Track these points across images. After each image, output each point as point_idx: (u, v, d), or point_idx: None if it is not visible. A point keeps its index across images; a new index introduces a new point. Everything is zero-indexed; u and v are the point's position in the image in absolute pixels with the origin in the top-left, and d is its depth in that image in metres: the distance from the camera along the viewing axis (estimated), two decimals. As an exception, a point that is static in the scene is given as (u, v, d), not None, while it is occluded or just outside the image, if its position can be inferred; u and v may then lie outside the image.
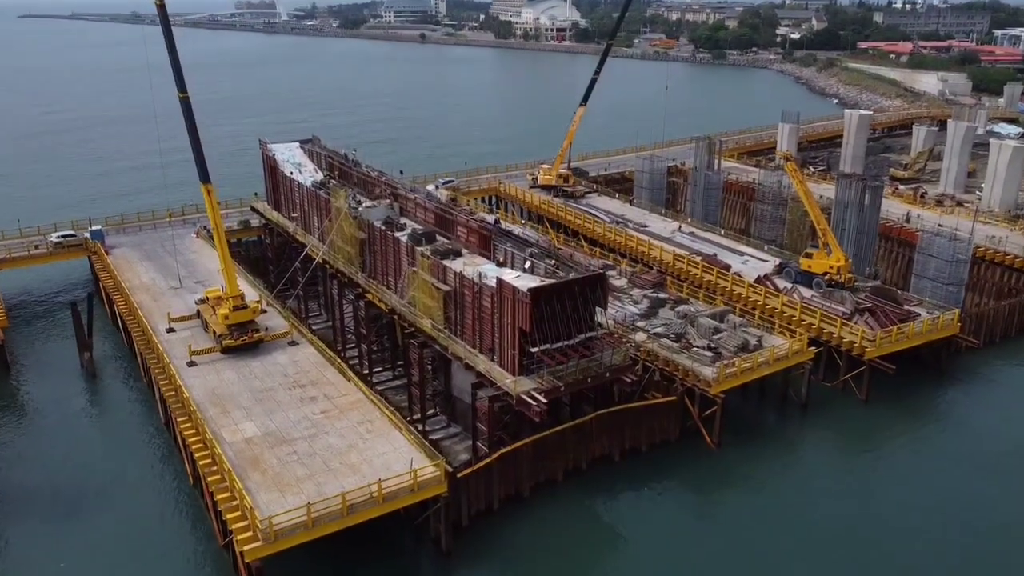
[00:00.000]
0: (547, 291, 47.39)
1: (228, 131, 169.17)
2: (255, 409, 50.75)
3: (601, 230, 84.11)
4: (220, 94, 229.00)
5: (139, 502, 49.28)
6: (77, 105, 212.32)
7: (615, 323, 58.95)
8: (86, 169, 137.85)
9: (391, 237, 60.27)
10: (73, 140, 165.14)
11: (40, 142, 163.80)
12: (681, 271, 73.24)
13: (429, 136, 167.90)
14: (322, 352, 58.24)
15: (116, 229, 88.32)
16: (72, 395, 62.43)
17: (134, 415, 59.81)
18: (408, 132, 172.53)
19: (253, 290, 69.23)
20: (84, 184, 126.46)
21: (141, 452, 54.84)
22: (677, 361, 55.45)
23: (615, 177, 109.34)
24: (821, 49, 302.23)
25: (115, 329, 72.80)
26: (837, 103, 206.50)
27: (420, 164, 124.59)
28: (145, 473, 52.34)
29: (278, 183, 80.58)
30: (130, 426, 58.24)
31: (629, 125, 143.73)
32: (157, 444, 55.78)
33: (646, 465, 52.59)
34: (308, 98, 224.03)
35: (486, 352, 51.24)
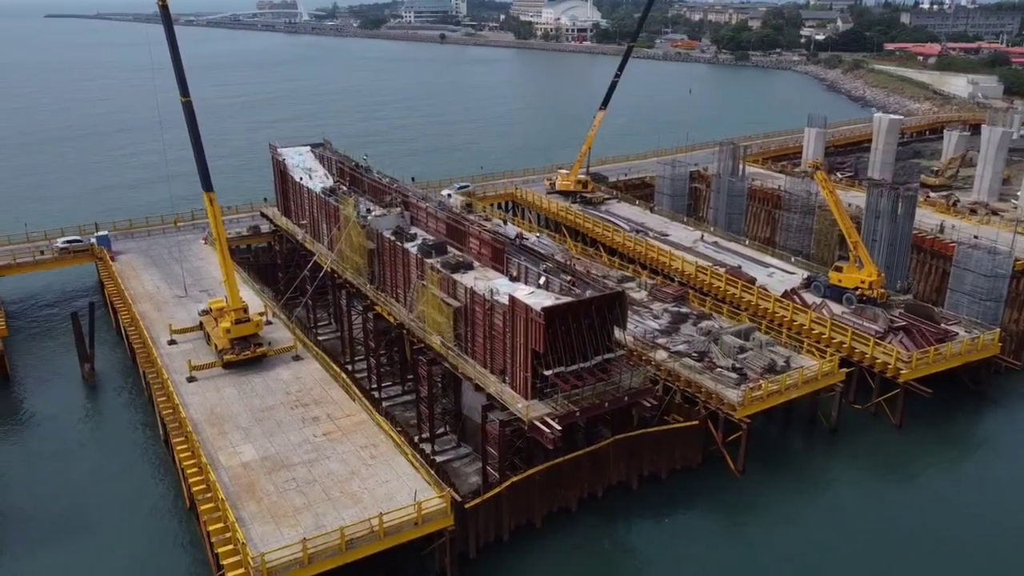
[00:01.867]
0: (562, 310, 45.08)
1: (242, 132, 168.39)
2: (254, 430, 48.88)
3: (620, 239, 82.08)
4: (237, 95, 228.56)
5: (135, 525, 47.51)
6: (91, 105, 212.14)
7: (634, 339, 56.88)
8: (97, 172, 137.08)
9: (400, 248, 58.43)
10: (86, 142, 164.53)
11: (55, 143, 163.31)
12: (704, 284, 70.97)
13: (445, 139, 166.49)
14: (327, 368, 56.43)
15: (124, 234, 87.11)
16: (70, 409, 60.82)
17: (134, 431, 58.07)
18: (424, 135, 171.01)
19: (259, 300, 67.68)
20: (93, 188, 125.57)
21: (139, 471, 53.06)
22: (700, 382, 52.96)
23: (635, 183, 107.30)
24: (846, 50, 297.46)
25: (120, 339, 71.19)
26: (863, 105, 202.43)
27: (435, 168, 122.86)
28: (142, 494, 50.55)
29: (288, 188, 79.05)
30: (129, 443, 56.54)
31: (650, 128, 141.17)
32: (156, 463, 53.98)
33: (666, 493, 50.40)
34: (325, 99, 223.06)
35: (497, 374, 49.02)
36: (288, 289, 71.85)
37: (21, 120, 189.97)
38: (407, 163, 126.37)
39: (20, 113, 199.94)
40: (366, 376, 62.78)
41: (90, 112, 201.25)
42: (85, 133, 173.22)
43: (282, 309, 67.13)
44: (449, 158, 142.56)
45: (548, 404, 45.23)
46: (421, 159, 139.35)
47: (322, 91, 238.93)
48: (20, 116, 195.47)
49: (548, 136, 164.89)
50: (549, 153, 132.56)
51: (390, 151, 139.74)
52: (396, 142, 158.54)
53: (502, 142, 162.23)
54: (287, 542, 38.16)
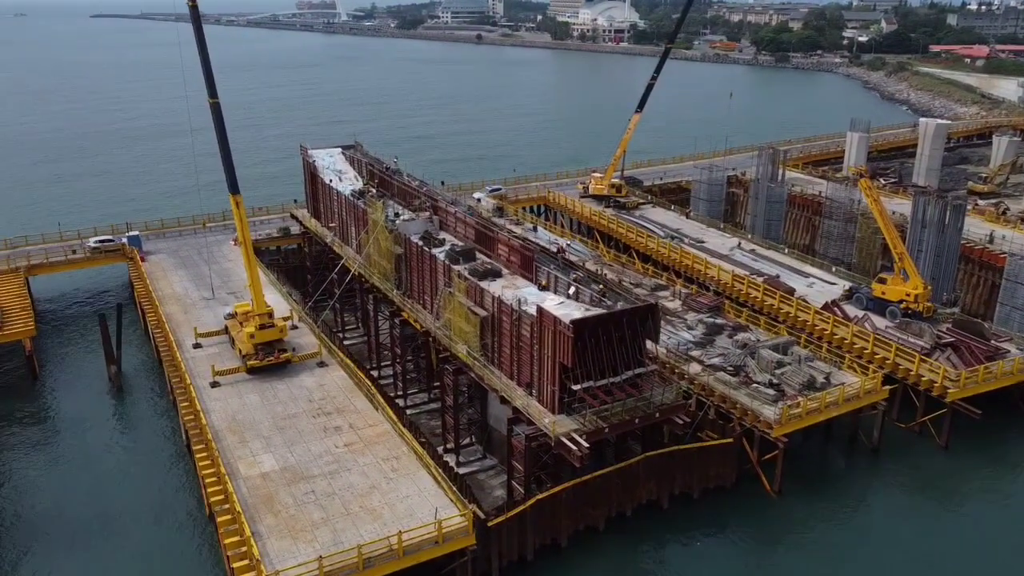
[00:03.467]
0: (592, 323, 43.77)
1: (275, 133, 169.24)
2: (275, 439, 48.27)
3: (655, 245, 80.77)
4: (271, 96, 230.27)
5: (156, 533, 47.13)
6: (133, 106, 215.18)
7: (667, 351, 55.54)
8: (132, 171, 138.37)
9: (428, 254, 57.64)
10: (122, 140, 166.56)
11: (93, 140, 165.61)
12: (740, 294, 69.37)
13: (478, 141, 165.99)
14: (351, 375, 55.84)
15: (156, 234, 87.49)
16: (95, 411, 60.74)
17: (158, 435, 57.83)
18: (457, 136, 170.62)
19: (285, 304, 67.40)
20: (129, 187, 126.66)
21: (162, 477, 52.68)
22: (735, 398, 51.35)
23: (671, 187, 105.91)
24: (890, 52, 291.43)
25: (148, 340, 71.24)
26: (907, 109, 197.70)
27: (467, 170, 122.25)
28: (165, 501, 50.15)
29: (318, 191, 78.77)
30: (152, 447, 56.26)
31: (687, 132, 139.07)
32: (179, 469, 53.57)
33: (698, 513, 48.85)
34: (359, 100, 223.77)
35: (524, 387, 47.87)
36: (316, 292, 71.58)
37: (65, 120, 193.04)
38: (438, 166, 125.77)
39: (63, 114, 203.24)
40: (392, 382, 62.36)
41: (130, 113, 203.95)
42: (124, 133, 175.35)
43: (309, 312, 66.73)
44: (481, 160, 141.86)
45: (576, 420, 43.99)
46: (453, 161, 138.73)
47: (356, 92, 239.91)
48: (63, 117, 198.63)
49: (582, 139, 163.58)
50: (583, 156, 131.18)
51: (421, 153, 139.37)
52: (428, 144, 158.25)
53: (536, 144, 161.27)
54: (304, 558, 37.27)
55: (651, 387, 45.48)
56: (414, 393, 62.17)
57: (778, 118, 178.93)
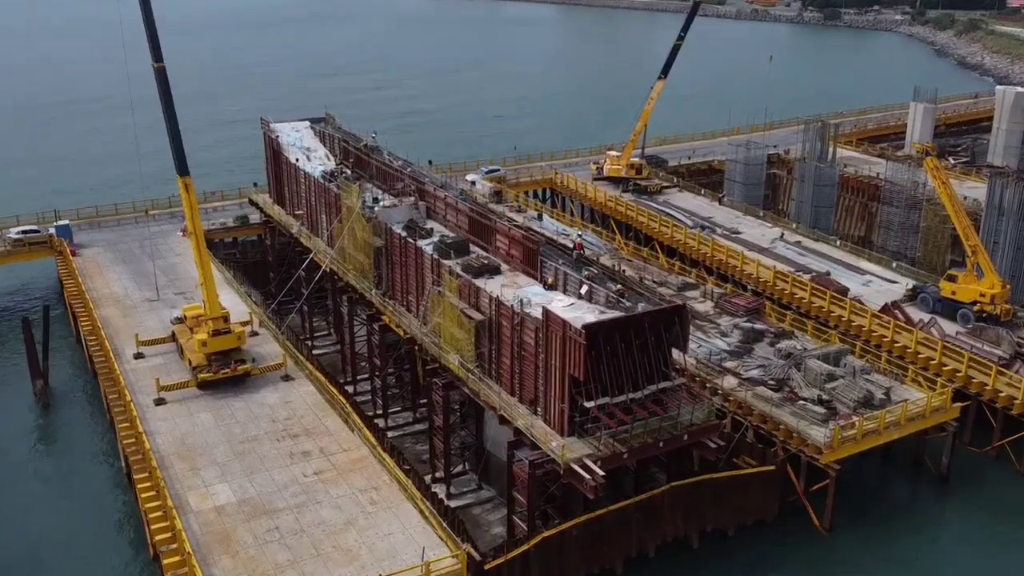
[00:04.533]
0: (608, 328, 43.94)
1: (235, 104, 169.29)
2: (233, 466, 48.55)
3: (681, 237, 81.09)
4: (231, 60, 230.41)
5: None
6: (58, 71, 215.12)
7: (697, 363, 55.85)
8: (62, 150, 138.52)
9: (413, 246, 57.94)
10: (49, 113, 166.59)
11: (12, 114, 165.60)
12: (784, 294, 69.67)
13: (473, 114, 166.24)
14: (322, 391, 56.20)
15: (90, 223, 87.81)
16: (18, 433, 60.83)
17: (92, 462, 57.98)
18: (448, 109, 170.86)
19: (244, 306, 67.69)
20: (56, 168, 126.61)
21: (97, 511, 52.72)
22: (778, 418, 51.69)
23: (701, 168, 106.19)
24: (961, 8, 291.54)
25: (81, 349, 71.35)
26: (981, 75, 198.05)
27: (458, 148, 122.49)
28: (100, 539, 50.19)
29: (282, 172, 79.19)
30: (86, 476, 56.39)
31: (719, 102, 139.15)
32: (118, 502, 53.62)
33: (734, 553, 49.17)
34: (334, 66, 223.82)
35: (527, 404, 48.03)
36: (280, 292, 71.80)
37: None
38: (425, 142, 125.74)
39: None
40: (369, 400, 62.73)
41: (58, 80, 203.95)
42: (52, 105, 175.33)
43: (272, 317, 67.09)
44: (476, 136, 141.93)
45: (589, 443, 44.12)
46: (442, 137, 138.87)
47: (330, 57, 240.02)
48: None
49: (595, 111, 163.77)
50: (596, 131, 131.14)
51: (405, 127, 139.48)
52: (413, 117, 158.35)
53: (540, 118, 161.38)
54: (266, 608, 37.28)
55: (678, 405, 45.58)
56: (397, 412, 62.46)
57: (827, 86, 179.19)
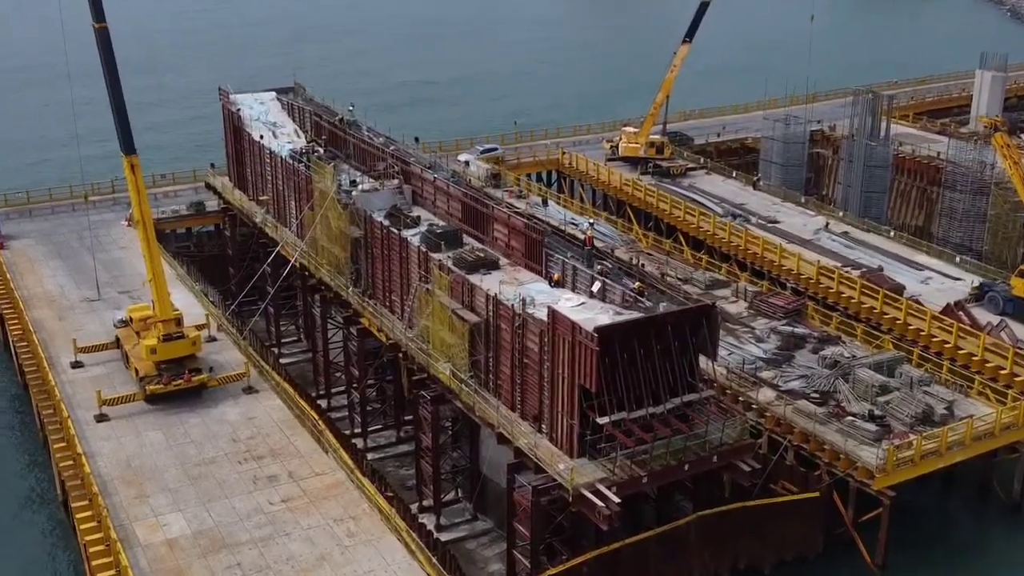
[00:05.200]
0: (624, 331, 43.97)
1: (185, 72, 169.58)
2: (187, 493, 48.69)
3: (710, 226, 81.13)
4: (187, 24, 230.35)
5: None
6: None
7: (728, 372, 56.01)
8: None
9: (397, 237, 58.02)
10: None
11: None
12: (829, 293, 69.73)
13: (465, 83, 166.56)
14: (291, 405, 56.37)
15: (19, 212, 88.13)
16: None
17: (22, 488, 58.34)
18: (438, 78, 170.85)
19: (200, 306, 68.01)
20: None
21: (28, 544, 53.01)
22: (823, 437, 51.73)
23: (732, 147, 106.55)
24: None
25: (10, 356, 71.81)
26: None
27: (450, 123, 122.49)
28: (31, 575, 50.59)
29: (243, 151, 79.44)
30: (15, 504, 56.73)
31: (753, 70, 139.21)
32: (52, 534, 54.01)
33: (771, 594, 49.37)
34: (305, 28, 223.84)
35: (530, 420, 48.07)
36: (242, 291, 72.07)
37: None
38: (411, 116, 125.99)
39: None
40: (346, 416, 62.89)
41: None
42: None
43: (232, 319, 67.27)
44: (470, 110, 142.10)
45: (602, 466, 44.08)
46: (430, 111, 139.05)
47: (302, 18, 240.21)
48: None
49: (608, 80, 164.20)
50: (610, 104, 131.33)
51: (387, 99, 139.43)
52: (396, 87, 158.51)
53: (545, 87, 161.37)
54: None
55: (706, 421, 45.51)
56: (378, 430, 62.51)
57: (880, 51, 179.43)
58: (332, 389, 66.09)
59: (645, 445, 43.84)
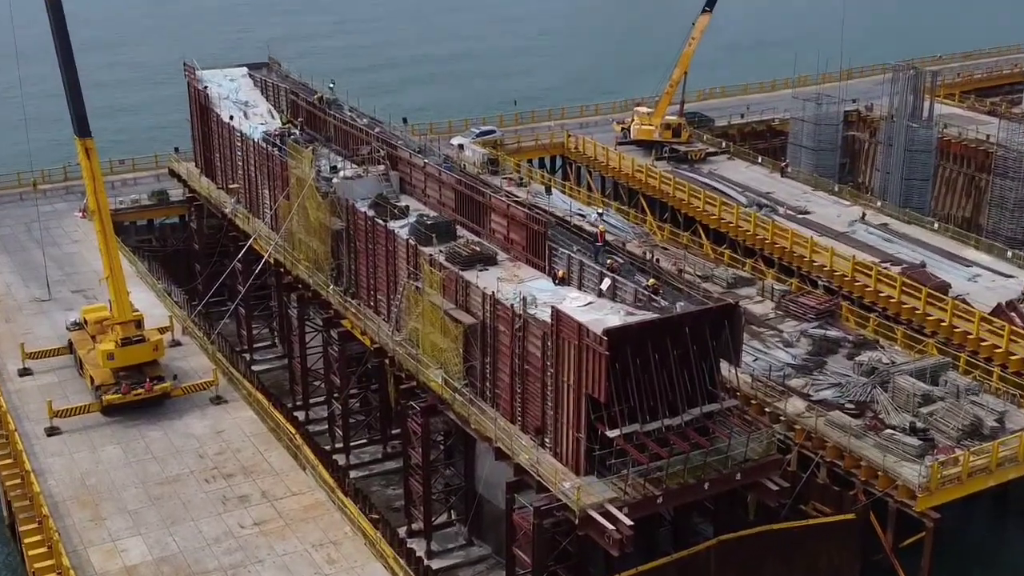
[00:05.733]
0: (637, 334, 44.06)
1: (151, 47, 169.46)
2: (147, 515, 48.73)
3: (732, 218, 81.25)
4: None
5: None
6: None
7: (753, 380, 56.15)
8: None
9: (383, 230, 58.08)
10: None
11: None
12: (866, 292, 69.84)
13: (461, 58, 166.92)
14: (265, 417, 56.42)
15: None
16: None
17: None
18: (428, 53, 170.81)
19: (163, 307, 68.20)
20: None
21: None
22: (859, 452, 51.71)
23: (757, 129, 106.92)
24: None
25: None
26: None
27: (443, 104, 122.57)
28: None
29: (211, 134, 79.74)
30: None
31: (781, 43, 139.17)
32: None
33: (801, 629, 49.28)
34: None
35: (532, 433, 48.19)
36: (209, 290, 72.34)
37: None
38: (399, 95, 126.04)
39: None
40: (326, 429, 63.06)
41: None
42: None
43: (199, 321, 67.41)
44: (465, 88, 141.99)
45: (613, 484, 44.20)
46: (421, 90, 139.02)
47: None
48: None
49: (620, 54, 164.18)
50: (620, 81, 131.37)
51: (372, 77, 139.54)
52: (383, 63, 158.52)
53: (548, 63, 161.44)
54: None
55: (728, 434, 45.61)
56: (361, 445, 62.68)
57: (923, 21, 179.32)
58: (310, 399, 66.14)
59: (660, 461, 43.91)
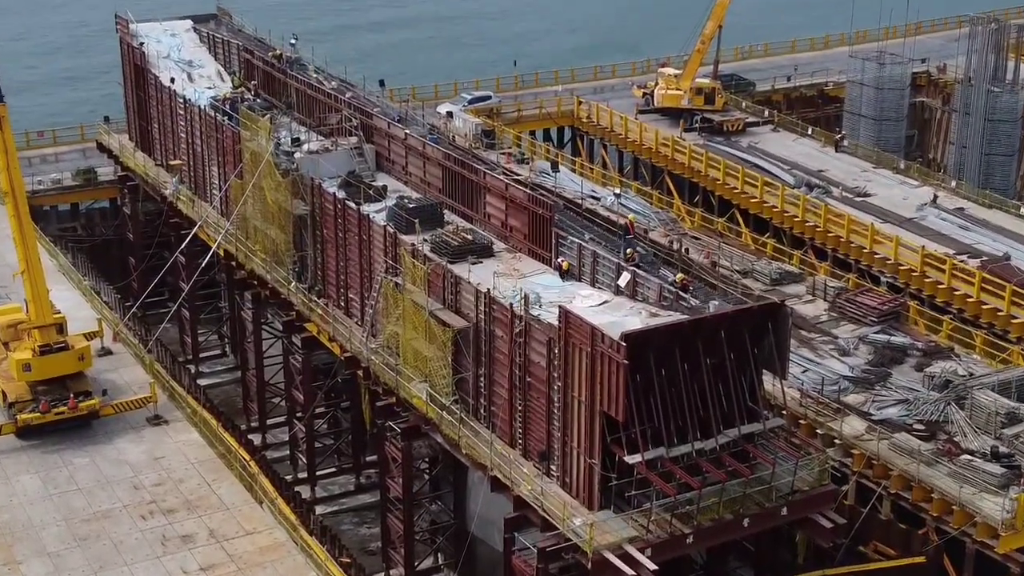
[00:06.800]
0: (663, 339, 44.08)
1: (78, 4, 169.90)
2: (72, 558, 48.63)
3: (777, 201, 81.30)
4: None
5: None
6: None
7: (802, 396, 55.91)
8: None
9: (355, 214, 58.28)
10: None
11: None
12: (938, 289, 70.03)
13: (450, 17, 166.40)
14: (213, 441, 56.43)
15: None
16: None
17: None
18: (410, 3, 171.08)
19: (90, 307, 68.29)
20: None
21: None
22: (929, 482, 51.46)
23: (807, 95, 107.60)
24: None
25: None
26: None
27: (428, 64, 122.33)
28: None
29: (148, 100, 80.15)
30: None
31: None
32: None
33: None
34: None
35: (535, 458, 48.24)
36: (146, 288, 72.50)
37: None
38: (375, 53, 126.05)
39: None
40: (287, 456, 63.54)
41: None
42: None
43: (133, 325, 67.55)
44: (455, 47, 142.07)
45: (632, 521, 44.37)
46: (404, 48, 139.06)
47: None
48: None
49: (640, 6, 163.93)
50: (641, 38, 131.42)
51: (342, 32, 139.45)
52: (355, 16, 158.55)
53: (555, 17, 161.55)
54: None
55: (772, 460, 45.63)
56: (329, 475, 63.15)
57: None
58: (268, 420, 66.45)
59: (691, 493, 44.01)
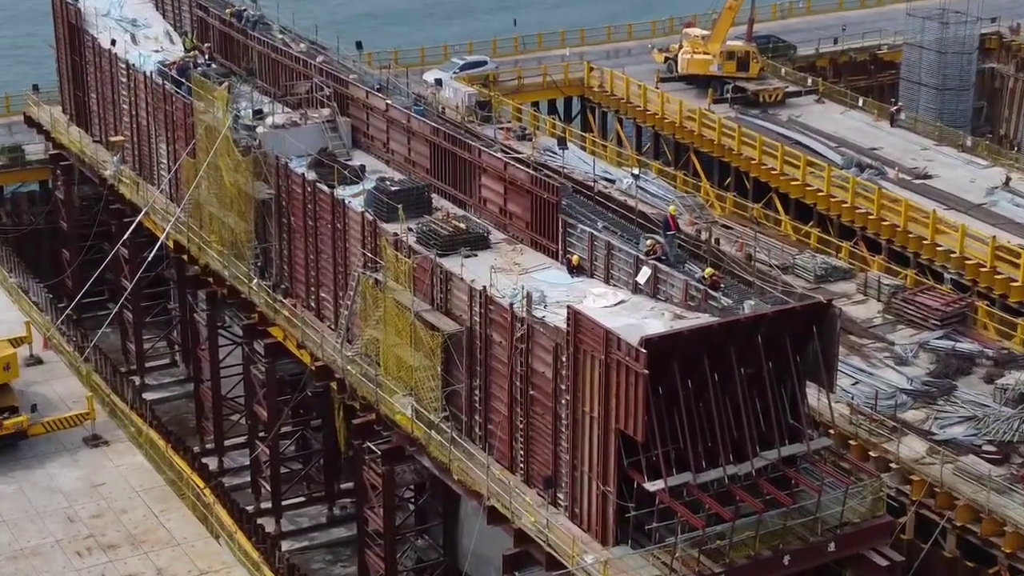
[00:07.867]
0: (689, 345, 44.09)
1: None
2: (-5, 602, 49.21)
3: (822, 184, 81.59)
4: None
5: None
6: None
7: (852, 411, 56.64)
8: None
9: (328, 199, 58.50)
10: None
11: None
12: (1011, 288, 70.26)
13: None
14: (161, 465, 56.50)
15: None
16: None
17: None
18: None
19: (16, 310, 68.87)
20: None
21: None
22: (1001, 513, 51.97)
23: (856, 60, 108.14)
24: None
25: None
26: None
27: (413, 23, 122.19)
28: None
29: (85, 66, 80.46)
30: None
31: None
32: None
33: None
34: None
35: (539, 483, 48.33)
36: (83, 287, 72.82)
37: None
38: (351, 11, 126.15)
39: None
40: (248, 483, 64.05)
41: None
42: None
43: (67, 330, 67.82)
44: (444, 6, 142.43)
45: (652, 558, 44.38)
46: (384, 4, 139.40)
47: None
48: None
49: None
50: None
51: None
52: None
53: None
54: None
55: (818, 487, 45.62)
56: (298, 505, 63.28)
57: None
58: (226, 440, 66.67)
59: (722, 525, 43.96)
